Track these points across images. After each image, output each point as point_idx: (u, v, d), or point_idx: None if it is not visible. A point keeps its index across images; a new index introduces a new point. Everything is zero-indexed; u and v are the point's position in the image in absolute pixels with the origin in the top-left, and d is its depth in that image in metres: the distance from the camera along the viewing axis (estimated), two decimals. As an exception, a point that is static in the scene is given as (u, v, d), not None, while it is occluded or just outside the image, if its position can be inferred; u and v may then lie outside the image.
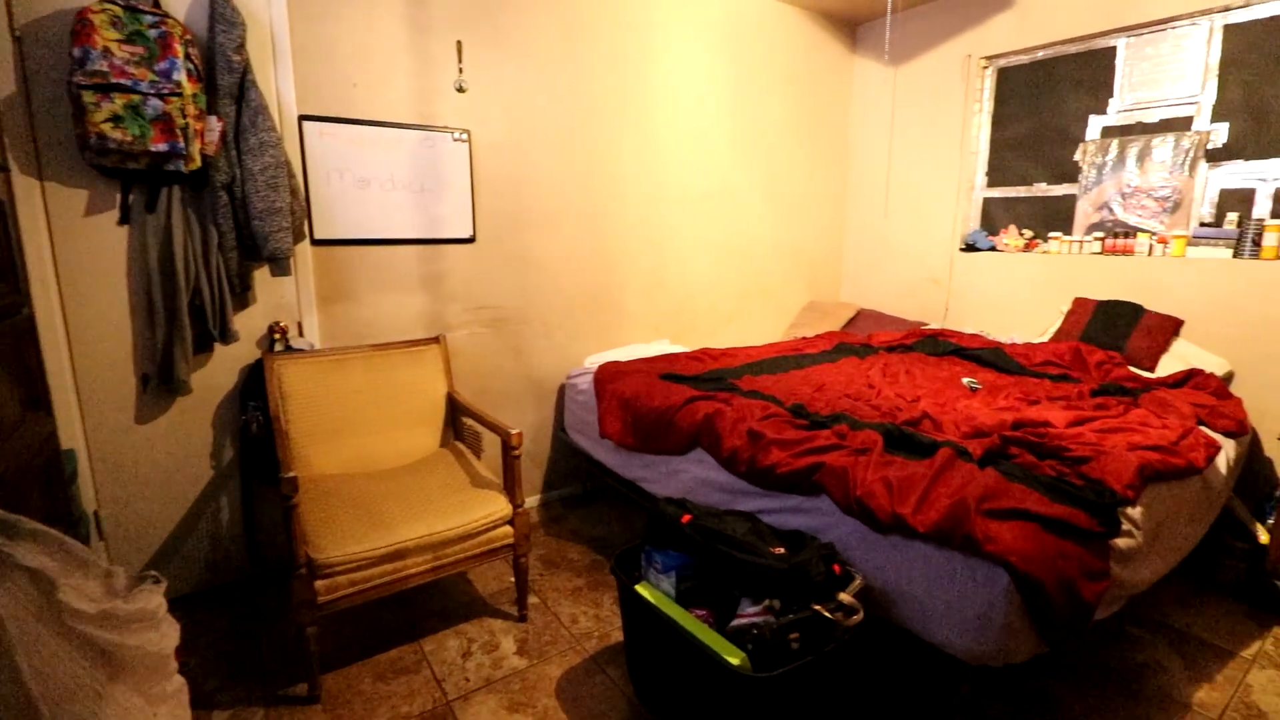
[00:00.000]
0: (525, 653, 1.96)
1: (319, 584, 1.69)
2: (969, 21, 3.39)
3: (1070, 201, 3.20)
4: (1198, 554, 2.08)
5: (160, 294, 2.00)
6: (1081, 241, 3.10)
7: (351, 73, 2.32)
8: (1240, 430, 2.18)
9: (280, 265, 2.15)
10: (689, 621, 1.49)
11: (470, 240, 2.65)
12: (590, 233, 2.98)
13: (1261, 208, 2.62)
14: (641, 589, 1.65)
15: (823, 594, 1.44)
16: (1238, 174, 2.67)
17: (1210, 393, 2.30)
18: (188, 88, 1.87)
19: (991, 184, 3.53)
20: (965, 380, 2.54)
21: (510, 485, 2.02)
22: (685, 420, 2.12)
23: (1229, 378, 2.56)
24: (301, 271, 2.30)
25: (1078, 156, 3.14)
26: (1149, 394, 2.24)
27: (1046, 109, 3.25)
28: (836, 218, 4.09)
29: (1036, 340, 3.03)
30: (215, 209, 2.04)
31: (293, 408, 2.14)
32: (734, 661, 1.36)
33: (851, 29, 3.89)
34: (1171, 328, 2.71)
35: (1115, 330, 2.79)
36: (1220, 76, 2.68)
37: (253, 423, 2.15)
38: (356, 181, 2.39)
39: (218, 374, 2.21)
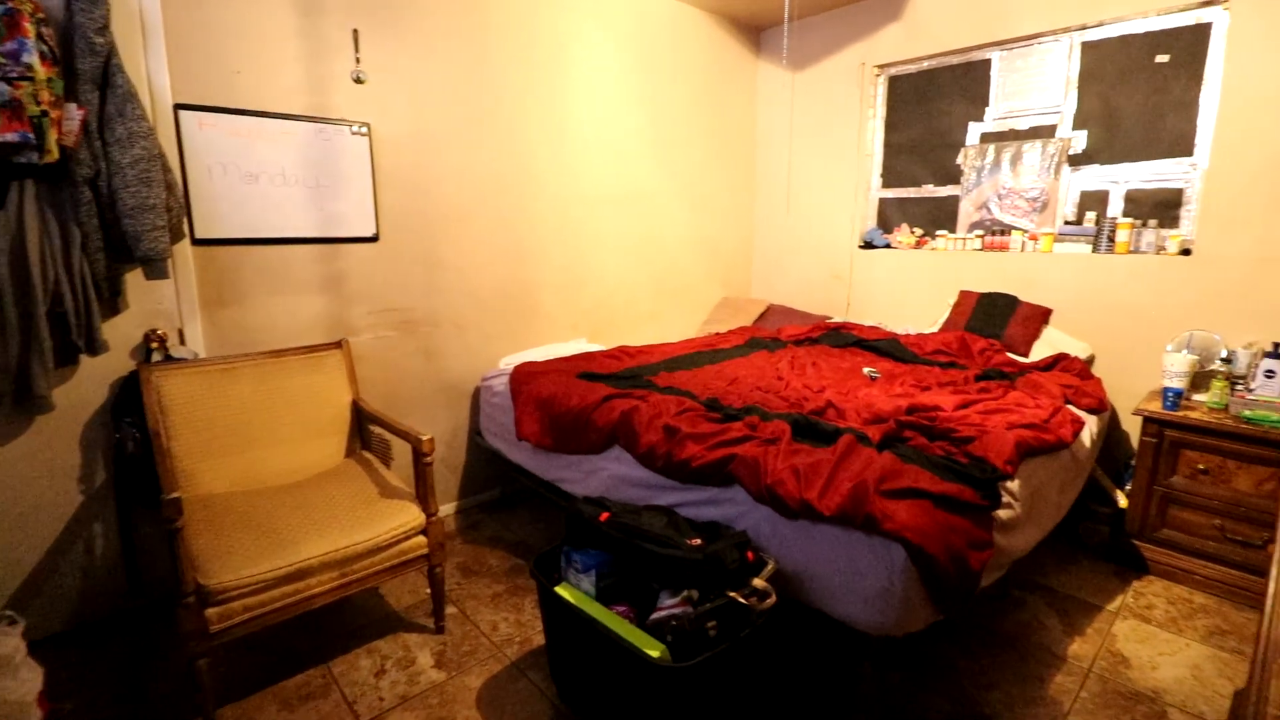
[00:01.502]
0: (444, 665, 1.90)
1: (210, 612, 1.57)
2: (862, 31, 3.58)
3: (954, 202, 3.46)
4: (1068, 520, 2.29)
5: (12, 301, 1.79)
6: (965, 239, 3.36)
7: (234, 59, 2.16)
8: (1101, 407, 2.43)
9: (156, 268, 1.97)
10: (609, 618, 1.50)
11: (373, 239, 2.54)
12: (503, 231, 2.93)
13: (1115, 208, 2.93)
14: (561, 590, 1.64)
15: (738, 581, 1.49)
16: (1095, 177, 2.97)
17: (1075, 374, 2.55)
18: (41, 71, 1.68)
19: (886, 185, 3.74)
20: (865, 370, 2.68)
21: (423, 494, 1.95)
22: (602, 418, 2.12)
23: (1091, 360, 2.84)
24: (181, 274, 2.12)
25: (960, 160, 3.40)
26: (1024, 377, 2.46)
27: (933, 115, 3.48)
28: (746, 216, 4.22)
29: (928, 331, 3.25)
30: (77, 206, 1.84)
31: (175, 423, 1.97)
32: (653, 654, 1.37)
33: (755, 34, 4.02)
34: (1042, 316, 2.98)
35: (995, 320, 3.04)
36: (1079, 89, 2.97)
37: (128, 441, 1.97)
38: (243, 176, 2.23)
39: (85, 389, 2.00)
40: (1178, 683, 1.84)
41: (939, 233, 3.49)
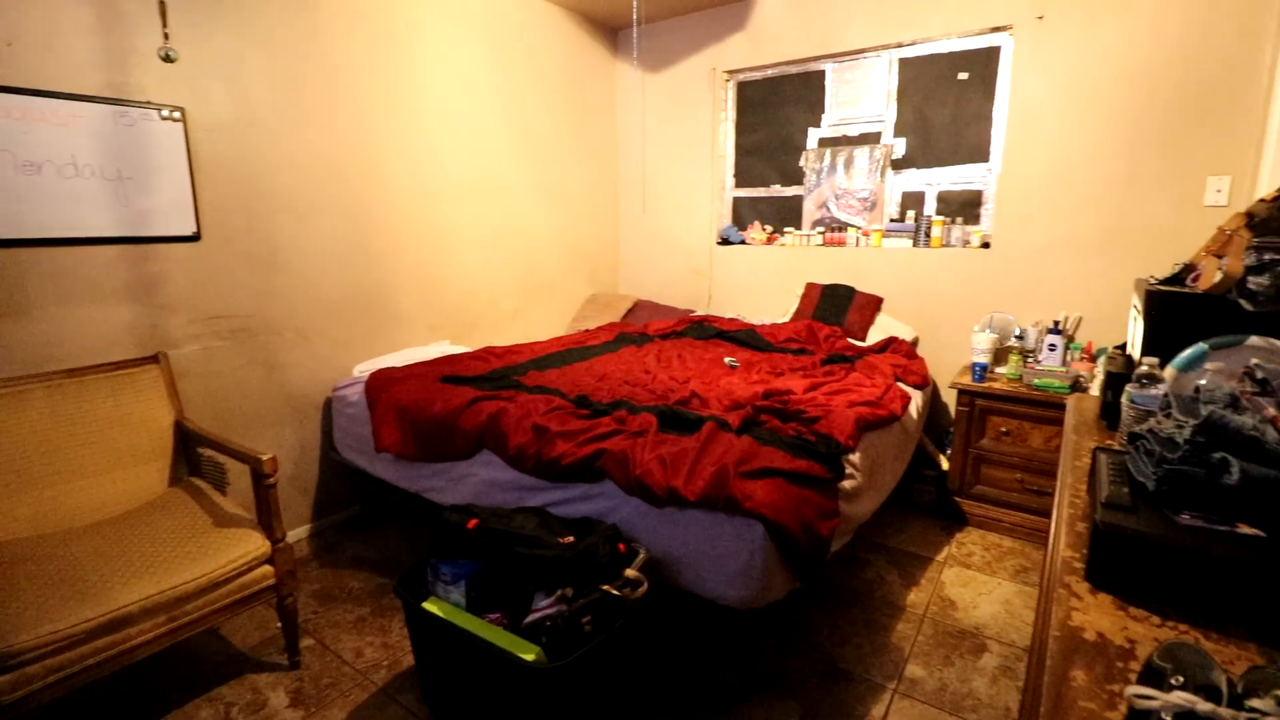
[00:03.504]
0: (301, 703, 1.75)
1: (1, 680, 1.32)
2: (711, 38, 3.75)
3: (798, 201, 3.73)
4: (902, 485, 2.57)
5: None
6: (808, 235, 3.64)
7: (2, 27, 1.82)
8: (925, 383, 2.75)
9: (-104, 275, 1.62)
10: (481, 628, 1.46)
11: (194, 238, 2.26)
12: (350, 227, 2.72)
13: (930, 207, 3.31)
14: (430, 605, 1.57)
15: (610, 574, 1.51)
16: (914, 180, 3.34)
17: (903, 355, 2.85)
18: None
19: (739, 185, 3.96)
20: (726, 360, 2.82)
21: (266, 519, 1.77)
22: (469, 423, 2.05)
23: (915, 342, 3.20)
24: (-65, 283, 1.76)
25: (802, 163, 3.67)
26: (862, 360, 2.71)
27: (778, 121, 3.72)
28: (611, 213, 4.27)
29: (780, 320, 3.49)
30: None
31: (-65, 461, 1.63)
32: (528, 658, 1.35)
33: (612, 34, 4.07)
34: (875, 305, 3.31)
35: (837, 309, 3.33)
36: (899, 100, 3.32)
37: None
38: (20, 166, 1.89)
39: None
40: (994, 617, 2.13)
41: (787, 229, 3.76)
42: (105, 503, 1.88)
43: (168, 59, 2.13)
